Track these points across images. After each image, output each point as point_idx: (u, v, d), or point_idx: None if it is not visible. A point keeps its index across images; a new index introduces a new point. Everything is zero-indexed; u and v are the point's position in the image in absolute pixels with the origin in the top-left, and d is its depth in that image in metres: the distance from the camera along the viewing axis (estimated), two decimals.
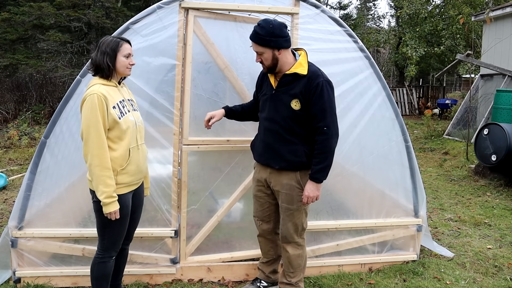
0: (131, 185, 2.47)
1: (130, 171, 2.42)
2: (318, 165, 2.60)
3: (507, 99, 7.19)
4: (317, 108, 2.57)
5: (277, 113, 2.67)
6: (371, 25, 31.83)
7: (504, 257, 3.69)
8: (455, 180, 6.56)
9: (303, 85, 2.58)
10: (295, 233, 2.78)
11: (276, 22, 2.59)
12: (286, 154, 2.66)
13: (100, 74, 2.40)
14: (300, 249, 2.83)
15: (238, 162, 3.29)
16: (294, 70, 2.61)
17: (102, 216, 2.39)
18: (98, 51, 2.39)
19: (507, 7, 9.38)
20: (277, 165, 2.71)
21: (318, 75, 2.59)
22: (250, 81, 3.23)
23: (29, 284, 3.01)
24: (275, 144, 2.70)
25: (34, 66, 10.61)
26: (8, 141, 8.56)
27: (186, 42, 3.02)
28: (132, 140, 2.44)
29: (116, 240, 2.48)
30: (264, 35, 2.52)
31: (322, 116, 2.57)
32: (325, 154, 2.60)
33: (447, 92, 21.43)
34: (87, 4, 11.06)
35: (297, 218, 2.75)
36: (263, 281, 3.07)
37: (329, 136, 2.58)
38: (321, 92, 2.56)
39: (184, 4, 2.98)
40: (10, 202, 5.07)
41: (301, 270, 2.87)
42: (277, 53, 2.58)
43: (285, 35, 2.58)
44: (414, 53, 14.27)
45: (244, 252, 3.35)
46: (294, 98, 2.60)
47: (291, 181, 2.69)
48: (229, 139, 3.23)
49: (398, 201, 3.51)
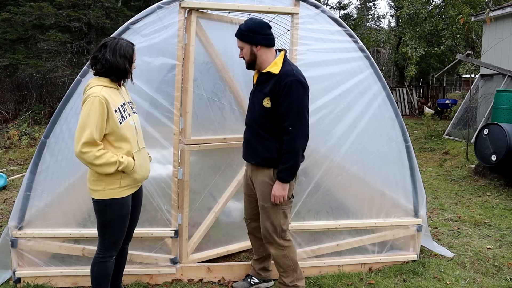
0: (133, 187, 2.48)
1: (134, 175, 2.43)
2: (283, 165, 2.62)
3: (507, 99, 7.19)
4: (283, 107, 2.59)
5: (254, 110, 2.75)
6: (371, 25, 31.81)
7: (504, 257, 3.69)
8: (455, 180, 6.56)
9: (273, 83, 2.62)
10: (274, 234, 2.78)
11: (259, 20, 2.68)
12: (261, 150, 2.71)
13: (112, 76, 2.37)
14: (283, 250, 2.81)
15: (233, 158, 3.39)
16: (269, 69, 2.66)
17: (103, 216, 2.40)
18: (115, 53, 2.35)
19: (507, 7, 9.37)
20: (253, 160, 2.77)
21: (288, 75, 2.59)
22: (244, 82, 3.31)
23: (29, 284, 3.01)
24: (252, 140, 2.77)
25: (34, 66, 10.60)
26: (8, 141, 8.56)
27: (188, 43, 3.02)
28: (134, 145, 2.44)
29: (117, 239, 2.49)
30: (244, 30, 2.64)
31: (287, 115, 2.58)
32: (289, 154, 2.60)
33: (447, 92, 21.42)
34: (87, 4, 11.05)
35: (274, 218, 2.75)
36: (254, 278, 3.11)
37: (294, 136, 2.58)
38: (288, 90, 2.56)
39: (184, 4, 2.98)
40: (10, 202, 5.07)
41: (292, 270, 2.85)
42: (255, 49, 2.65)
43: (265, 33, 2.65)
44: (414, 53, 14.26)
45: (239, 244, 3.42)
46: (266, 96, 2.64)
47: (265, 177, 2.72)
48: (226, 137, 3.32)
49: (398, 201, 3.51)
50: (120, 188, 2.38)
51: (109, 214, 2.40)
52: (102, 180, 2.35)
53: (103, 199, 2.37)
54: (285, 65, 2.67)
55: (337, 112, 3.30)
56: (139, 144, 2.50)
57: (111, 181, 2.35)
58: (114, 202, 2.38)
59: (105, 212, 2.39)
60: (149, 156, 2.73)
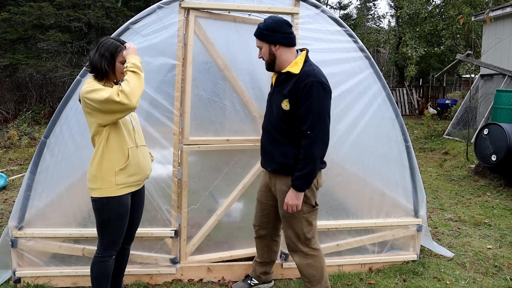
0: (131, 186, 2.47)
1: (130, 171, 2.42)
2: (298, 172, 2.47)
3: (507, 99, 7.19)
4: (302, 110, 2.43)
5: (271, 113, 2.62)
6: (371, 25, 31.80)
7: (504, 257, 3.69)
8: (455, 180, 6.56)
9: (293, 84, 2.48)
10: (298, 242, 2.64)
11: (278, 18, 2.55)
12: (277, 155, 2.58)
13: (95, 75, 2.40)
14: (308, 259, 2.66)
15: (237, 161, 3.30)
16: (288, 69, 2.53)
17: (101, 215, 2.40)
18: (97, 52, 2.37)
19: (507, 7, 9.37)
20: (269, 167, 2.66)
21: (309, 75, 2.45)
22: (249, 81, 3.24)
23: (29, 284, 3.01)
24: (268, 145, 2.65)
25: (34, 66, 10.60)
26: (8, 141, 8.56)
27: (187, 42, 3.02)
28: (130, 140, 2.43)
29: (115, 239, 2.49)
30: (262, 29, 2.53)
31: (306, 118, 2.43)
32: (306, 161, 2.44)
33: (447, 92, 21.42)
34: (87, 4, 11.05)
35: (296, 226, 2.61)
36: (254, 279, 3.07)
37: (312, 141, 2.42)
38: (308, 92, 2.41)
39: (184, 4, 2.98)
40: (10, 202, 5.07)
41: (317, 281, 2.68)
42: (273, 49, 2.53)
43: (285, 31, 2.52)
44: (414, 53, 14.27)
45: (244, 250, 3.36)
46: (285, 98, 2.51)
47: (282, 185, 2.59)
48: (229, 138, 3.24)
49: (398, 201, 3.51)
50: (117, 186, 2.38)
51: (107, 213, 2.40)
52: (99, 178, 2.36)
53: (100, 197, 2.38)
54: (306, 65, 2.52)
55: (337, 112, 3.29)
56: (136, 141, 2.48)
57: (108, 179, 2.36)
58: (111, 201, 2.38)
59: (103, 211, 2.40)
60: (151, 156, 2.73)
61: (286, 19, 2.60)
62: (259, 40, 2.57)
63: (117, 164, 2.37)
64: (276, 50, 2.53)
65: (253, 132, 3.28)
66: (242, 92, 3.24)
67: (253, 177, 3.29)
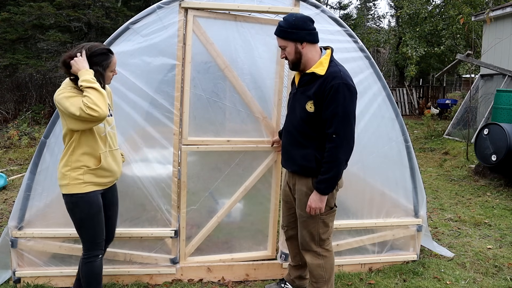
0: (99, 185, 2.48)
1: (99, 173, 2.44)
2: (323, 175, 2.44)
3: (507, 99, 7.19)
4: (328, 112, 2.38)
5: (294, 114, 2.57)
6: (371, 25, 31.81)
7: (504, 257, 3.69)
8: (455, 180, 6.56)
9: (318, 86, 2.41)
10: (311, 242, 2.64)
11: (300, 15, 2.49)
12: (298, 158, 2.55)
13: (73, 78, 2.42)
14: (319, 259, 2.65)
15: (238, 163, 3.27)
16: (313, 69, 2.46)
17: (74, 215, 2.44)
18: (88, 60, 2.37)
19: (507, 7, 9.38)
20: (290, 168, 2.65)
21: (335, 77, 2.38)
22: (251, 81, 3.21)
23: (29, 284, 3.01)
24: (289, 147, 2.62)
25: (34, 66, 10.60)
26: (8, 141, 8.55)
27: (186, 42, 3.01)
28: (103, 144, 2.45)
29: (95, 238, 2.49)
30: (286, 27, 2.43)
31: (332, 121, 2.37)
32: (331, 164, 2.41)
33: (447, 92, 21.41)
34: (87, 4, 11.05)
35: (312, 227, 2.60)
36: (288, 284, 3.02)
37: (337, 144, 2.38)
38: (334, 94, 2.35)
39: (184, 4, 2.97)
40: (10, 202, 5.07)
41: (324, 283, 2.67)
42: (300, 47, 2.45)
43: (309, 28, 2.45)
44: (414, 53, 14.28)
45: (245, 254, 3.36)
46: (310, 99, 2.44)
47: (303, 187, 2.58)
48: (230, 139, 3.22)
49: (398, 201, 3.51)
50: (84, 184, 2.39)
51: (79, 214, 2.43)
52: (66, 175, 2.39)
53: (68, 194, 2.40)
54: (332, 65, 2.45)
55: None
56: (110, 145, 2.50)
57: (75, 177, 2.38)
58: (80, 200, 2.40)
59: (74, 211, 2.43)
60: (122, 157, 2.79)
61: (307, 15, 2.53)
62: (283, 39, 2.47)
63: (87, 164, 2.40)
64: (303, 48, 2.46)
65: (255, 133, 3.26)
66: (244, 92, 3.21)
67: (255, 180, 3.28)
